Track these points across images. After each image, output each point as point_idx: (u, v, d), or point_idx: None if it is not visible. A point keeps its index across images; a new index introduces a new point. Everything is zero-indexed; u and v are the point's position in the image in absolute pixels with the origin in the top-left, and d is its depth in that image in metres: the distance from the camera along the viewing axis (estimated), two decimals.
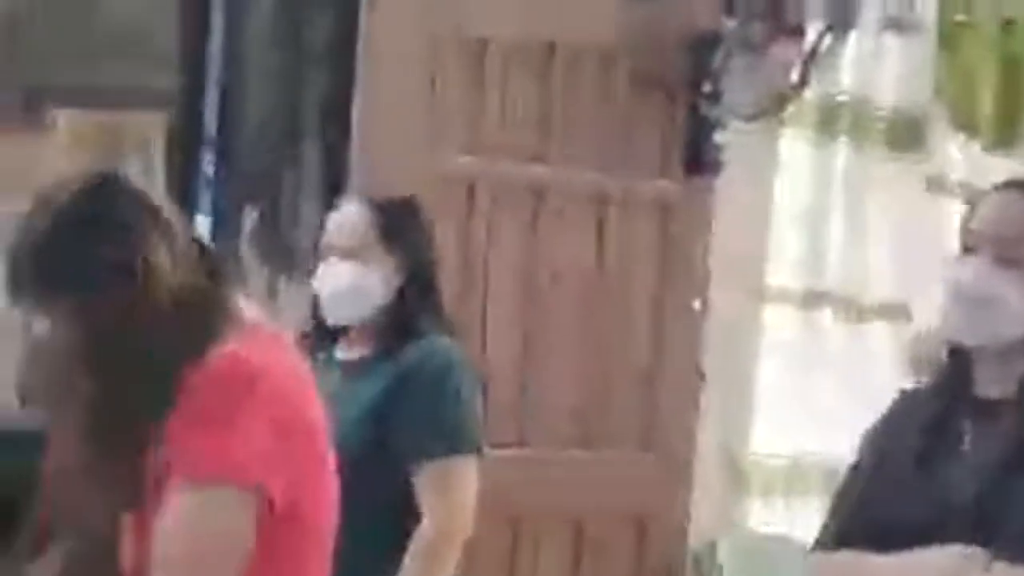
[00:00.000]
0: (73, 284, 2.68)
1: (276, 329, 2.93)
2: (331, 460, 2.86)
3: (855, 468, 3.29)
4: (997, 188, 3.27)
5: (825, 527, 3.29)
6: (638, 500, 5.64)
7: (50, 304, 2.72)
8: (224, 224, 5.13)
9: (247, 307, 2.86)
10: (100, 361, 2.73)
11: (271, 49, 5.35)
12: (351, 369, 3.90)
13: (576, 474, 5.51)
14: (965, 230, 3.12)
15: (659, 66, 5.58)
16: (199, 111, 5.14)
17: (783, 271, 6.01)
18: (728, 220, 5.81)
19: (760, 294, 5.98)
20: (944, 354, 3.17)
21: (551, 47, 5.38)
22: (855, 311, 6.03)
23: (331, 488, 2.84)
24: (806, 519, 5.59)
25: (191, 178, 5.10)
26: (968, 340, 3.06)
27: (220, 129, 5.17)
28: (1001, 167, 5.95)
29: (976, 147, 6.28)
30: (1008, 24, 6.25)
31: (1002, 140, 6.31)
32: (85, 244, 2.68)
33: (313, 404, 2.82)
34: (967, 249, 3.07)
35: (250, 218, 5.20)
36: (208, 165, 5.16)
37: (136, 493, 2.73)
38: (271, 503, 2.66)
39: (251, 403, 2.68)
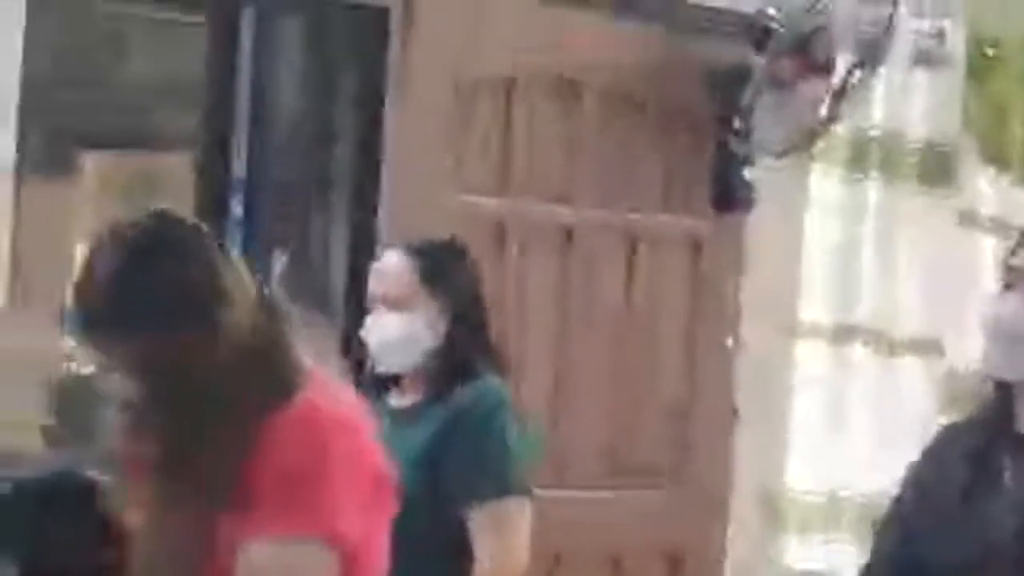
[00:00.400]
0: (150, 320, 2.64)
1: (330, 374, 2.91)
2: (392, 506, 2.87)
3: (898, 501, 3.28)
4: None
5: (869, 563, 3.29)
6: (673, 537, 5.68)
7: (123, 343, 2.68)
8: (254, 266, 5.14)
9: (303, 352, 2.84)
10: (175, 405, 2.71)
11: (299, 92, 5.46)
12: (403, 416, 3.92)
13: (611, 512, 5.51)
14: (1006, 267, 3.12)
15: (688, 104, 5.64)
16: (228, 153, 5.15)
17: (815, 306, 6.03)
18: (759, 256, 5.89)
19: (792, 330, 6.00)
20: (987, 388, 3.17)
21: (579, 86, 5.42)
22: (887, 346, 6.06)
23: (388, 533, 2.84)
24: (842, 556, 5.66)
25: (220, 219, 5.07)
26: (1009, 376, 3.05)
27: (249, 171, 5.19)
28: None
29: (1006, 181, 6.36)
30: None
31: None
32: (161, 279, 2.66)
33: (381, 451, 2.83)
34: (1007, 286, 3.07)
35: (280, 260, 5.22)
36: (237, 206, 5.17)
37: (207, 545, 2.73)
38: (352, 556, 2.68)
39: (336, 458, 2.69)
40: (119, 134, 5.79)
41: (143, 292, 2.64)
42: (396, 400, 3.96)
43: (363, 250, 5.20)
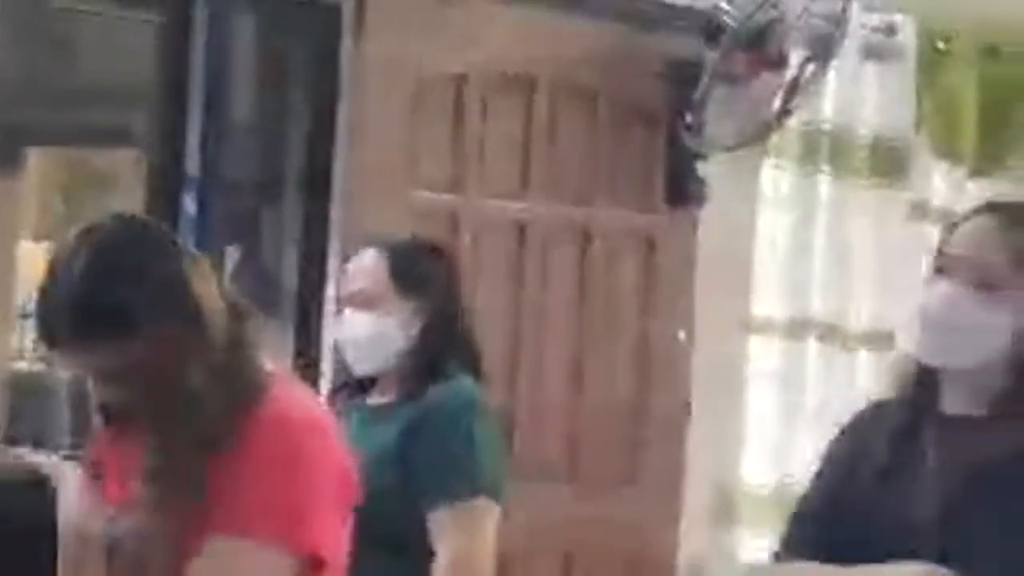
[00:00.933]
0: (116, 324, 2.67)
1: (285, 374, 2.96)
2: (354, 503, 2.91)
3: (818, 476, 3.30)
4: (971, 212, 3.29)
5: (786, 537, 3.28)
6: (627, 532, 5.67)
7: (90, 347, 2.72)
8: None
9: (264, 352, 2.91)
10: (145, 407, 2.75)
11: (253, 89, 5.45)
12: (378, 414, 3.93)
13: (565, 509, 5.53)
14: (939, 254, 3.15)
15: (641, 98, 5.67)
16: (180, 151, 5.17)
17: (768, 301, 6.07)
18: (712, 251, 5.90)
19: (746, 325, 6.05)
20: (912, 369, 3.20)
21: (532, 81, 5.44)
22: (840, 339, 6.09)
23: (349, 531, 2.88)
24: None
25: (173, 217, 5.09)
26: (939, 362, 3.09)
27: (203, 168, 5.19)
28: (984, 193, 6.12)
29: (959, 174, 6.42)
30: (990, 51, 6.40)
31: (984, 167, 6.47)
32: (127, 282, 2.68)
33: (345, 449, 2.88)
34: (939, 271, 3.11)
35: (232, 257, 5.24)
36: (191, 204, 5.17)
37: (176, 540, 2.76)
38: (319, 562, 2.73)
39: (305, 461, 2.75)
40: (67, 130, 5.94)
41: (110, 296, 2.67)
42: (373, 399, 3.97)
43: (316, 247, 5.28)
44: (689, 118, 5.54)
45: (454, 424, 3.91)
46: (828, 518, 3.20)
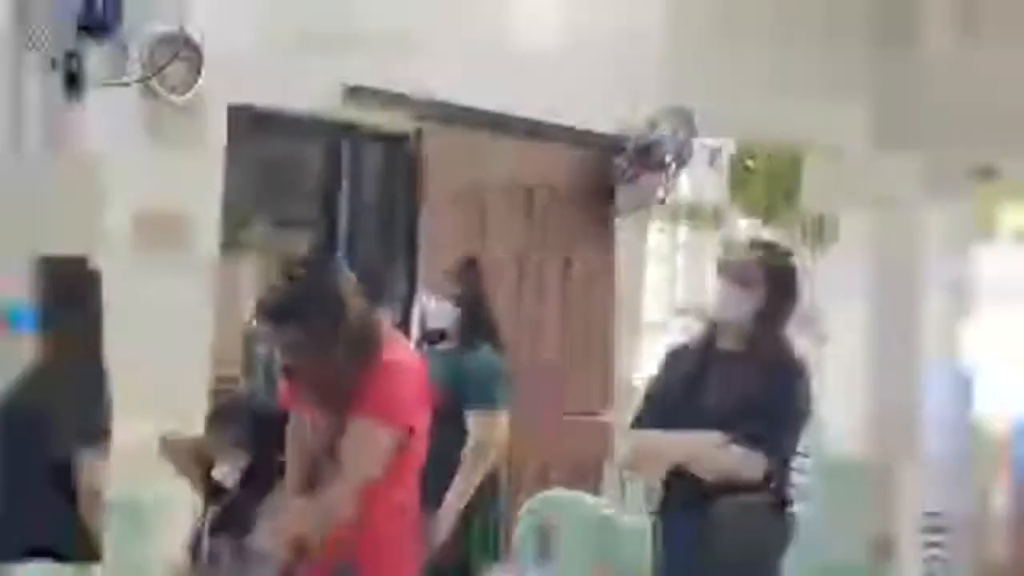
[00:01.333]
0: (312, 315, 3.72)
1: (399, 334, 4.10)
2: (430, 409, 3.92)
3: (654, 382, 4.59)
4: (734, 244, 4.76)
5: (637, 416, 4.59)
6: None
7: (284, 333, 3.79)
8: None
9: (387, 324, 4.00)
10: (323, 355, 3.75)
11: (375, 197, 7.35)
12: (444, 356, 5.20)
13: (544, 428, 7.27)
14: (718, 263, 4.67)
15: (576, 186, 7.83)
16: (335, 233, 7.02)
17: (653, 309, 8.13)
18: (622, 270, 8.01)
19: (638, 327, 8.12)
20: (704, 323, 4.55)
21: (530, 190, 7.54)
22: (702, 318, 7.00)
23: (428, 415, 3.93)
24: None
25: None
26: (720, 317, 4.47)
27: (349, 235, 7.04)
28: (765, 234, 8.14)
29: (755, 223, 8.56)
30: (770, 155, 8.58)
31: (767, 219, 8.64)
32: (317, 292, 3.74)
33: (425, 372, 3.92)
34: (718, 272, 4.59)
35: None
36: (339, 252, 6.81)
37: (335, 433, 3.77)
38: (412, 433, 3.79)
39: (407, 382, 3.83)
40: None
41: (308, 297, 3.73)
42: (440, 347, 5.31)
43: (413, 279, 6.71)
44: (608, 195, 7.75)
45: (482, 371, 5.27)
46: (658, 407, 4.50)
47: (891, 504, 8.26)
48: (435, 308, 5.37)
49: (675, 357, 4.64)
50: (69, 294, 4.95)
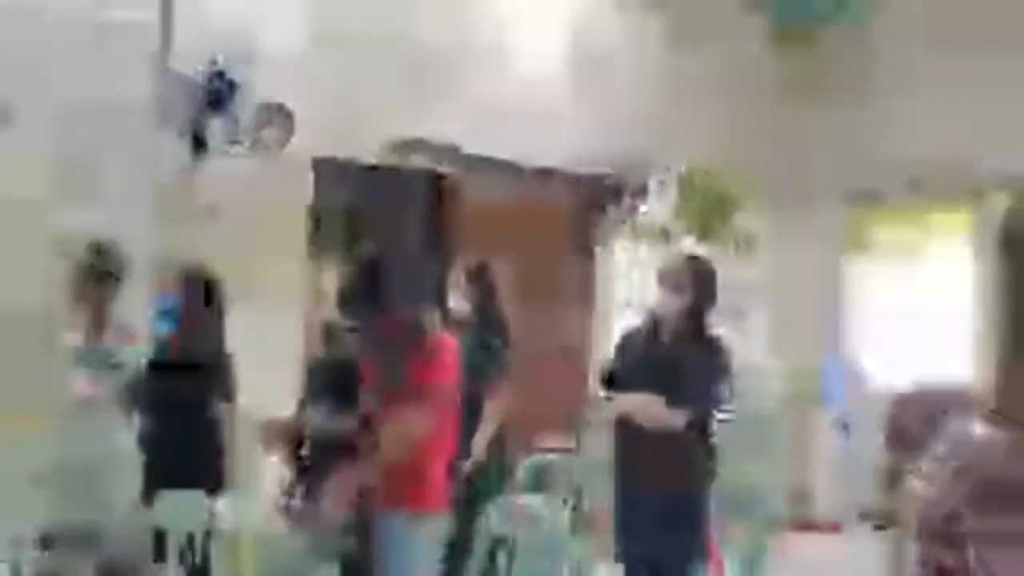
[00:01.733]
0: (383, 306, 4.58)
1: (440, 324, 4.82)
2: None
3: (614, 357, 5.66)
4: (672, 257, 5.63)
5: (601, 379, 5.78)
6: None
7: (361, 315, 4.70)
8: None
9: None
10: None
11: (420, 221, 9.22)
12: (464, 345, 5.44)
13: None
14: (659, 274, 5.61)
15: (571, 217, 9.86)
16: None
17: (620, 296, 10.06)
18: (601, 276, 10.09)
19: (609, 311, 10.13)
20: (649, 317, 5.54)
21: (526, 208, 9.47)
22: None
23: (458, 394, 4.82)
24: None
25: None
26: (660, 313, 5.54)
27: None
28: (702, 249, 9.40)
29: (693, 239, 10.33)
30: (708, 185, 10.36)
31: (704, 237, 10.45)
32: (388, 286, 4.60)
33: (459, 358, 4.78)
34: (660, 282, 5.56)
35: None
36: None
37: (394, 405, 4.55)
38: (447, 405, 4.67)
39: (448, 360, 4.76)
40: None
41: (378, 289, 4.53)
42: (464, 336, 5.82)
43: (445, 279, 7.11)
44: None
45: (493, 358, 6.41)
46: (619, 376, 5.60)
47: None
48: (455, 305, 6.45)
49: (628, 339, 5.71)
50: (203, 293, 6.48)
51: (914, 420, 2.92)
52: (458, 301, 6.57)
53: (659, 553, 5.54)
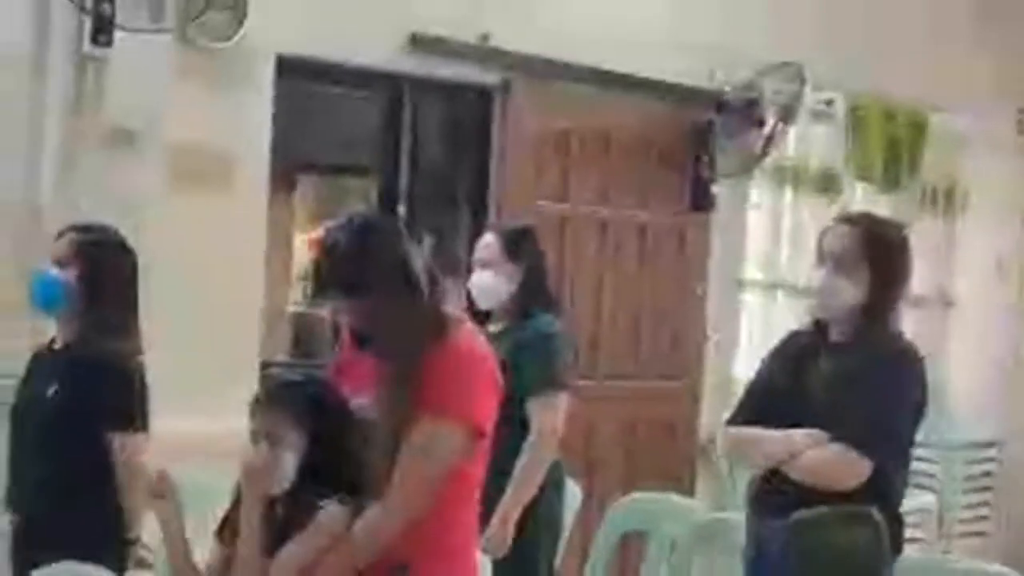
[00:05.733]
0: (364, 287, 3.19)
1: (463, 317, 3.44)
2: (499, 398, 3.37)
3: (757, 376, 4.10)
4: (834, 222, 4.01)
5: (735, 412, 4.09)
6: (668, 408, 7.33)
7: (347, 300, 3.25)
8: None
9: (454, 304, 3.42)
10: (381, 334, 3.23)
11: (439, 139, 6.98)
12: (496, 336, 4.44)
13: (629, 395, 7.12)
14: (818, 250, 3.99)
15: (676, 146, 7.27)
16: (397, 180, 6.65)
17: (753, 269, 7.58)
18: (719, 237, 7.45)
19: (740, 284, 7.57)
20: (810, 316, 4.10)
21: (609, 138, 7.06)
22: (797, 291, 7.34)
23: (495, 414, 3.37)
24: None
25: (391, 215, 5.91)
26: (820, 315, 3.99)
27: (409, 187, 6.67)
28: (886, 203, 7.69)
29: (871, 190, 7.95)
30: (888, 115, 7.99)
31: (887, 186, 8.00)
32: (371, 260, 3.19)
33: (494, 360, 3.35)
34: (820, 262, 3.96)
35: (427, 242, 6.35)
36: (402, 208, 6.57)
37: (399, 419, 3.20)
38: (482, 435, 3.27)
39: (477, 374, 3.28)
40: (329, 167, 7.32)
41: (358, 270, 3.18)
42: (492, 326, 4.66)
43: (478, 238, 5.54)
44: (705, 158, 7.20)
45: (543, 346, 4.63)
46: (760, 401, 4.00)
47: None
48: (481, 281, 4.77)
49: (784, 348, 4.14)
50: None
51: None
52: (490, 281, 4.74)
53: None
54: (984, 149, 8.41)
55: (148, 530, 3.98)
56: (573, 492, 5.05)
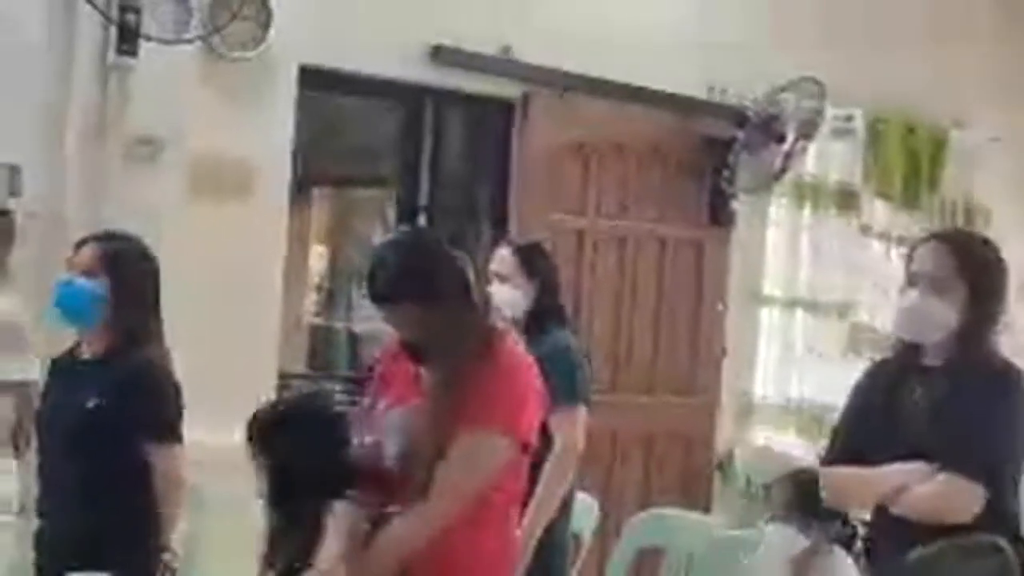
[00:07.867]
0: (420, 300, 3.21)
1: (507, 328, 3.53)
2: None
3: (846, 411, 3.88)
4: (924, 239, 3.79)
5: (828, 452, 3.87)
6: (685, 426, 7.31)
7: (401, 311, 3.25)
8: None
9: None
10: (432, 345, 3.22)
11: (459, 155, 7.06)
12: None
13: (647, 410, 7.09)
14: (908, 270, 3.74)
15: (696, 161, 7.22)
16: (417, 191, 6.71)
17: (771, 285, 7.52)
18: (739, 253, 7.40)
19: (758, 300, 7.52)
20: (896, 340, 3.83)
21: (627, 150, 7.03)
22: (816, 308, 7.48)
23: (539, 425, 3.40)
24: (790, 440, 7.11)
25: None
26: (919, 339, 3.73)
27: (429, 200, 6.74)
28: (905, 220, 7.65)
29: (891, 207, 7.84)
30: (909, 130, 7.90)
31: (907, 203, 7.90)
32: (433, 272, 3.23)
33: (539, 377, 3.34)
34: (910, 284, 3.71)
35: None
36: (421, 220, 6.58)
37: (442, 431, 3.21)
38: (527, 447, 3.28)
39: (522, 385, 3.27)
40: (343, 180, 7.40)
41: (416, 284, 3.20)
42: None
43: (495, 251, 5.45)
44: (726, 172, 7.08)
45: (560, 361, 4.53)
46: (852, 438, 3.79)
47: None
48: (500, 295, 4.72)
49: (871, 378, 3.96)
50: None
51: None
52: (508, 295, 4.72)
53: None
54: (1005, 165, 8.30)
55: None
56: (590, 507, 5.01)
